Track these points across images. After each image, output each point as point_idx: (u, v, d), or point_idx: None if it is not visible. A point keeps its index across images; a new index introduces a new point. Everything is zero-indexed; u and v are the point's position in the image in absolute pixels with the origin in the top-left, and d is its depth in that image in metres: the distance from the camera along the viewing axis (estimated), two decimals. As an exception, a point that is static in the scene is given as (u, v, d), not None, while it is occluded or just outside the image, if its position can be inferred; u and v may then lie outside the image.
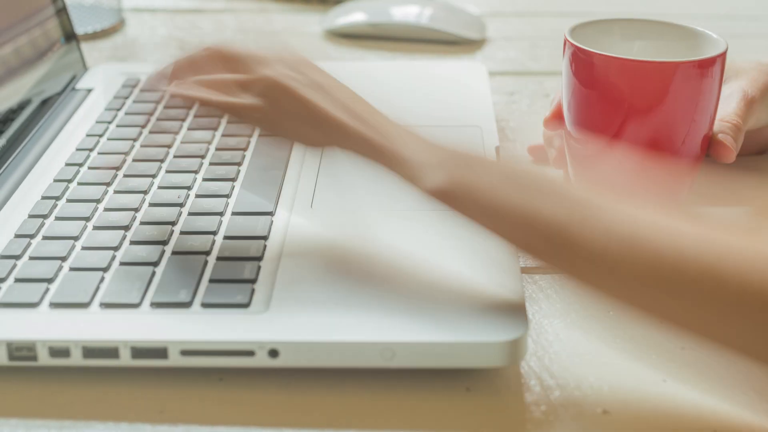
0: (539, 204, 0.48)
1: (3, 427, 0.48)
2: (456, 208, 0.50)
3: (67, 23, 0.83)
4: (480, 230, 0.50)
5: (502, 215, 0.49)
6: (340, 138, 0.54)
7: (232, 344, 0.50)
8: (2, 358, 0.50)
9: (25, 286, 0.54)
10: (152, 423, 0.49)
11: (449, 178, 0.51)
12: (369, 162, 0.54)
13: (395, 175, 0.53)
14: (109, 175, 0.66)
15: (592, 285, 0.47)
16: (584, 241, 0.47)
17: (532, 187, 0.49)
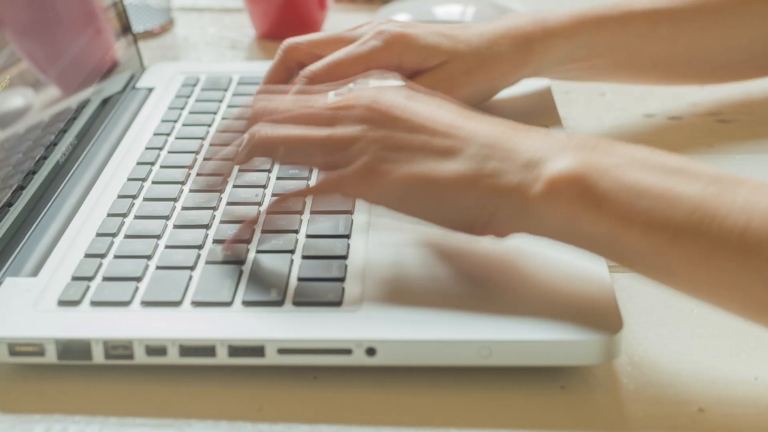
0: (676, 183, 0.48)
1: (102, 425, 0.48)
2: (581, 196, 0.49)
3: (126, 23, 0.83)
4: (598, 222, 0.49)
5: (636, 196, 0.48)
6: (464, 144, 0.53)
7: (330, 342, 0.50)
8: (99, 356, 0.50)
9: (115, 285, 0.54)
10: (252, 421, 0.49)
11: (579, 159, 0.49)
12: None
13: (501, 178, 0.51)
14: (182, 174, 0.66)
15: (713, 274, 0.47)
16: (725, 220, 0.46)
17: (666, 167, 0.49)
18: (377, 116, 0.54)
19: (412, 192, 0.52)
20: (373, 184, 0.52)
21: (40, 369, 0.52)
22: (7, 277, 0.55)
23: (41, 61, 0.68)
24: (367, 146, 0.53)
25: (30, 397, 0.50)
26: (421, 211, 0.53)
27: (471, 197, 0.51)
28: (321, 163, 0.55)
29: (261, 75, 0.80)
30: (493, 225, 0.52)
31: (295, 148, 0.55)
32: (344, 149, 0.54)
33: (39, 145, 0.65)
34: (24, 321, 0.51)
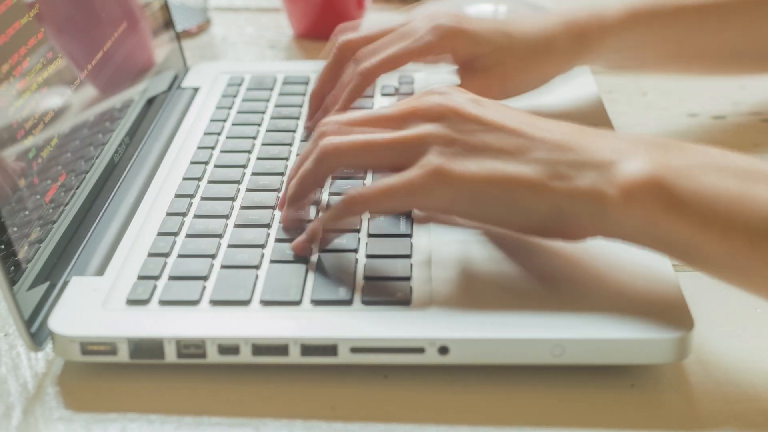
0: (752, 185, 0.47)
1: (177, 425, 0.48)
2: (659, 199, 0.48)
3: (169, 22, 0.83)
4: (676, 225, 0.48)
5: (713, 199, 0.48)
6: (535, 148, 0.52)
7: (403, 341, 0.50)
8: (171, 355, 0.50)
9: (182, 284, 0.54)
10: (326, 420, 0.49)
11: (653, 161, 0.49)
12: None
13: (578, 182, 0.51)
14: (238, 174, 0.66)
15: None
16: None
17: (739, 168, 0.49)
18: (445, 115, 0.54)
19: (482, 193, 0.52)
20: (441, 184, 0.52)
21: (111, 368, 0.52)
22: (74, 276, 0.55)
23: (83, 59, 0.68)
24: (434, 145, 0.53)
25: (102, 396, 0.50)
26: (489, 213, 0.53)
27: (542, 200, 0.51)
28: (389, 165, 0.54)
29: (305, 74, 0.81)
30: (566, 228, 0.52)
31: (362, 152, 0.54)
32: (412, 149, 0.53)
33: (87, 144, 0.65)
34: (95, 320, 0.51)
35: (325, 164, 0.55)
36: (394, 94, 0.78)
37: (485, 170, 0.52)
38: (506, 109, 0.55)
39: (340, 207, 0.54)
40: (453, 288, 0.54)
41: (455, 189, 0.52)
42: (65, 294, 0.54)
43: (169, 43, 0.83)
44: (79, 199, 0.62)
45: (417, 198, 0.53)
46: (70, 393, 0.50)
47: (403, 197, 0.53)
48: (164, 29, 0.83)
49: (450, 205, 0.53)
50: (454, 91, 0.56)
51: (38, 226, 0.55)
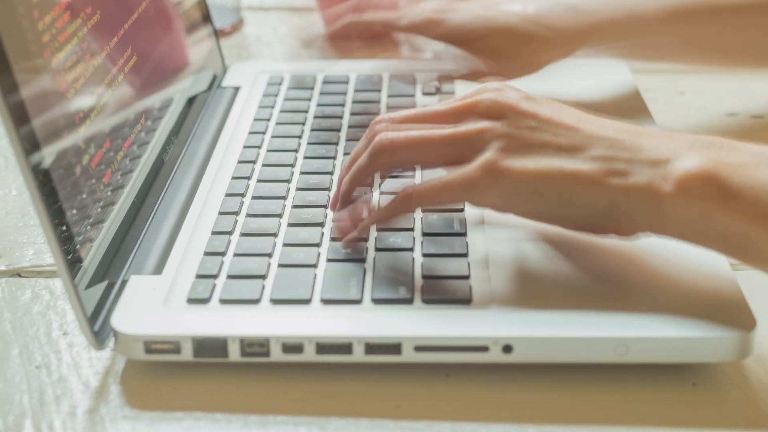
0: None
1: (244, 423, 0.48)
2: (715, 194, 0.49)
3: (208, 21, 0.84)
4: (732, 220, 0.48)
5: (767, 195, 0.48)
6: (591, 142, 0.53)
7: (468, 340, 0.50)
8: (235, 354, 0.50)
9: (241, 283, 0.54)
10: (392, 419, 0.49)
11: (708, 157, 0.49)
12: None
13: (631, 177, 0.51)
14: (287, 173, 0.66)
15: None
16: None
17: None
18: (502, 111, 0.54)
19: (539, 188, 0.52)
20: (498, 179, 0.52)
21: (173, 366, 0.52)
22: (132, 275, 0.55)
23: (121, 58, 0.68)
24: (492, 141, 0.53)
25: (166, 394, 0.50)
26: (546, 210, 0.53)
27: (599, 196, 0.51)
28: (445, 161, 0.54)
29: (344, 74, 0.81)
30: (620, 225, 0.52)
31: (419, 148, 0.54)
32: (469, 145, 0.53)
33: (131, 143, 0.65)
34: (158, 319, 0.51)
35: (380, 159, 0.55)
36: (435, 93, 0.78)
37: (542, 167, 0.52)
38: (561, 107, 0.55)
39: (396, 203, 0.54)
40: (512, 286, 0.54)
41: (512, 185, 0.52)
42: (125, 293, 0.54)
43: (208, 42, 0.83)
44: (128, 198, 0.62)
45: (473, 194, 0.53)
46: (133, 392, 0.50)
47: (460, 193, 0.53)
48: (203, 29, 0.83)
49: (506, 202, 0.53)
50: (508, 88, 0.56)
51: (90, 225, 0.55)
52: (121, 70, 0.65)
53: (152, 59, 0.72)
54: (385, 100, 0.77)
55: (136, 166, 0.65)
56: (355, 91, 0.79)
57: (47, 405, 0.50)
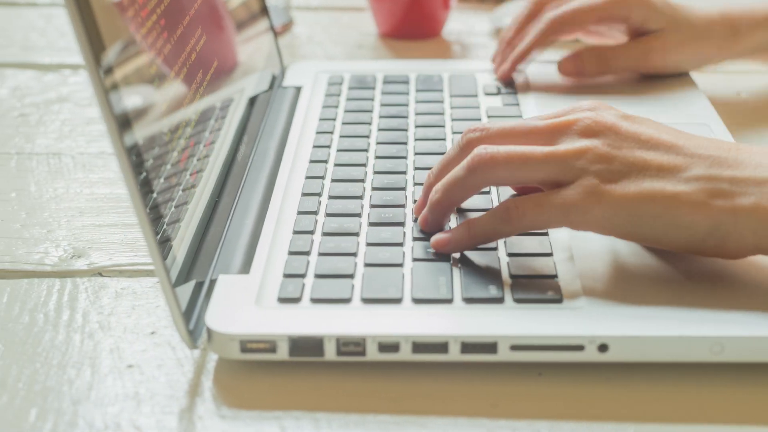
0: None
1: (344, 422, 0.48)
2: None
3: (268, 21, 0.84)
4: None
5: None
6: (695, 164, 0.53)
7: (564, 339, 0.50)
8: (330, 353, 0.51)
9: (331, 283, 0.54)
10: (489, 417, 0.49)
11: None
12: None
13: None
14: (360, 172, 0.66)
15: None
16: None
17: None
18: (601, 131, 0.54)
19: (641, 212, 0.52)
20: (600, 203, 0.52)
21: (267, 365, 0.52)
22: (220, 274, 0.55)
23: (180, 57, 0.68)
24: (592, 162, 0.53)
25: (263, 393, 0.50)
26: (648, 232, 0.52)
27: (703, 218, 0.51)
28: (543, 180, 0.54)
29: (403, 73, 0.81)
30: (726, 246, 0.52)
31: (518, 165, 0.54)
32: (569, 165, 0.53)
33: (195, 143, 0.65)
34: (252, 318, 0.52)
35: (479, 175, 0.55)
36: (497, 93, 0.79)
37: (644, 189, 0.52)
38: (659, 125, 0.55)
39: (497, 218, 0.54)
40: (602, 284, 0.54)
41: (613, 209, 0.52)
42: (215, 292, 0.54)
43: (266, 42, 0.84)
44: (204, 197, 0.62)
45: (571, 216, 0.53)
46: (229, 391, 0.50)
47: (559, 214, 0.53)
48: (262, 29, 0.83)
49: (607, 225, 0.53)
50: (604, 106, 0.56)
51: (176, 224, 0.55)
52: (183, 66, 0.65)
53: (213, 58, 0.72)
54: (448, 99, 0.77)
55: (209, 165, 0.65)
56: (417, 90, 0.79)
57: (142, 404, 0.50)
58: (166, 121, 0.57)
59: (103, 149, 0.76)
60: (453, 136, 0.71)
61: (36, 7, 1.08)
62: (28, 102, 0.84)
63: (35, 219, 0.66)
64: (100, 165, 0.74)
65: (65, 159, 0.75)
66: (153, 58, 0.57)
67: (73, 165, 0.74)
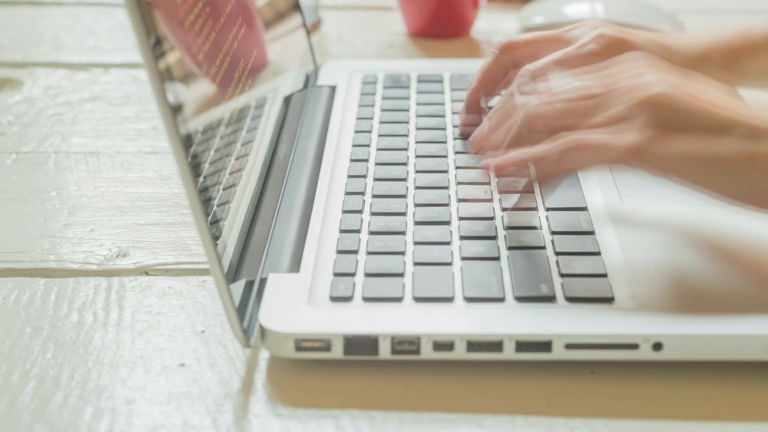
0: None
1: (400, 421, 0.49)
2: None
3: (301, 20, 0.84)
4: None
5: None
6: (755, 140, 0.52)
7: (619, 337, 0.50)
8: (385, 352, 0.51)
9: (381, 281, 0.54)
10: (546, 416, 0.49)
11: None
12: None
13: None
14: (402, 171, 0.66)
15: None
16: None
17: None
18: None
19: (696, 168, 0.52)
20: (651, 153, 0.52)
21: (321, 364, 0.52)
22: (270, 273, 0.55)
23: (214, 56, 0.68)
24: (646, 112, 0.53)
25: (318, 392, 0.50)
26: (708, 183, 0.52)
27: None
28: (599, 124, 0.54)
29: (437, 72, 0.81)
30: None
31: (570, 114, 0.55)
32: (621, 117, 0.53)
33: (231, 142, 0.65)
34: (306, 317, 0.52)
35: (528, 127, 0.56)
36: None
37: (694, 149, 0.52)
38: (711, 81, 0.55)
39: (562, 148, 0.54)
40: (652, 283, 0.54)
41: (662, 160, 0.52)
42: (267, 291, 0.54)
43: (300, 41, 0.84)
44: (245, 197, 0.62)
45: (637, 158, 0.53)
46: (283, 389, 0.51)
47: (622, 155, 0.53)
48: (295, 28, 0.83)
49: (660, 166, 0.53)
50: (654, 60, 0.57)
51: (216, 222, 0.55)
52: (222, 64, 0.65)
53: (249, 56, 0.72)
54: (484, 99, 0.77)
55: (248, 163, 0.65)
56: (451, 90, 0.79)
57: (196, 402, 0.50)
58: (208, 119, 0.57)
59: (140, 148, 0.76)
60: (492, 135, 0.71)
61: (62, 6, 1.08)
62: (61, 101, 0.84)
63: (77, 218, 0.67)
64: (138, 164, 0.74)
65: (103, 158, 0.75)
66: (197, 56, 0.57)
67: (111, 164, 0.74)
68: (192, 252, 0.63)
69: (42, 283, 0.59)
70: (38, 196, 0.69)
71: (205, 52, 0.59)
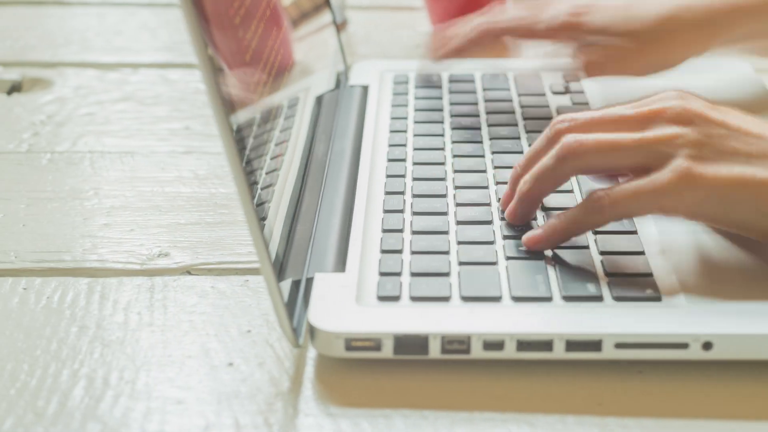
0: None
1: (452, 420, 0.49)
2: None
3: (332, 19, 0.84)
4: None
5: None
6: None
7: (669, 337, 0.50)
8: (435, 351, 0.51)
9: (429, 281, 0.54)
10: (597, 415, 0.49)
11: None
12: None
13: None
14: (440, 171, 0.66)
15: None
16: None
17: None
18: (691, 119, 0.54)
19: (733, 196, 0.52)
20: (691, 185, 0.52)
21: (370, 363, 0.52)
22: (316, 273, 0.55)
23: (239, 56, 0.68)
24: (683, 146, 0.53)
25: (369, 392, 0.50)
26: (738, 218, 0.53)
27: None
28: (634, 167, 0.55)
29: (468, 72, 0.81)
30: None
31: (608, 152, 0.54)
32: (660, 150, 0.53)
33: (266, 142, 0.65)
34: (356, 316, 0.52)
35: (568, 163, 0.55)
36: (564, 92, 0.79)
37: (736, 174, 0.52)
38: (745, 115, 0.55)
39: (589, 209, 0.54)
40: (698, 281, 0.54)
41: (705, 192, 0.52)
42: (314, 290, 0.54)
43: (331, 40, 0.84)
44: (284, 196, 0.62)
45: (664, 201, 0.53)
46: (334, 389, 0.51)
47: (651, 200, 0.53)
48: (326, 27, 0.83)
49: (697, 209, 0.53)
50: (691, 95, 0.56)
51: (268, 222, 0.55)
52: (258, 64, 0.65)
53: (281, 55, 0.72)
54: (516, 99, 0.78)
55: (284, 163, 0.65)
56: (483, 90, 0.79)
57: (247, 401, 0.50)
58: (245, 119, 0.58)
59: (174, 148, 0.76)
60: (528, 135, 0.71)
61: (87, 6, 1.08)
62: (92, 101, 0.85)
63: (117, 218, 0.67)
64: (173, 164, 0.74)
65: (138, 158, 0.75)
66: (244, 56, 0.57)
67: (146, 164, 0.74)
68: (233, 251, 0.63)
69: (85, 283, 0.59)
70: (76, 195, 0.69)
71: (252, 52, 0.59)
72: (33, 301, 0.58)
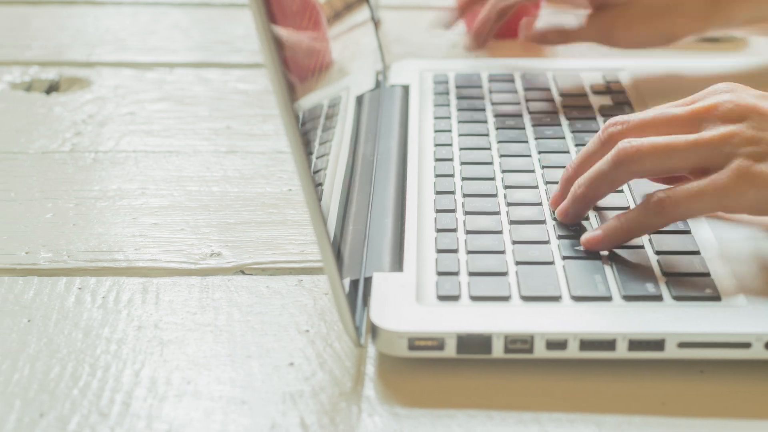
0: None
1: (517, 420, 0.49)
2: None
3: (372, 19, 0.84)
4: None
5: None
6: None
7: (732, 336, 0.50)
8: (498, 350, 0.51)
9: (487, 280, 0.54)
10: (662, 415, 0.49)
11: None
12: None
13: None
14: (489, 171, 0.66)
15: None
16: None
17: None
18: (744, 114, 0.54)
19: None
20: (753, 183, 0.52)
21: (432, 363, 0.52)
22: (374, 272, 0.56)
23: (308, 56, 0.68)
24: (740, 144, 0.53)
25: (433, 391, 0.51)
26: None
27: None
28: (692, 168, 0.55)
29: (507, 71, 0.82)
30: None
31: (664, 155, 0.54)
32: (717, 150, 0.54)
33: (307, 141, 0.65)
34: (418, 316, 0.52)
35: (624, 168, 0.55)
36: (606, 92, 0.79)
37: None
38: None
39: (650, 211, 0.54)
40: (757, 281, 0.54)
41: (763, 190, 0.52)
42: (374, 290, 0.54)
43: (369, 40, 0.84)
44: (333, 196, 0.62)
45: (726, 201, 0.53)
46: (397, 389, 0.51)
47: (713, 200, 0.53)
48: (366, 27, 0.83)
49: (760, 207, 0.53)
50: (741, 88, 0.56)
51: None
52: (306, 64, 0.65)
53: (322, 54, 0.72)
54: (558, 98, 0.78)
55: (330, 163, 0.65)
56: (524, 89, 0.79)
57: (310, 401, 0.50)
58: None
59: (217, 147, 0.77)
60: (573, 135, 0.71)
61: (120, 6, 1.08)
62: (131, 100, 0.85)
63: (167, 217, 0.67)
64: (217, 163, 0.74)
65: (183, 157, 0.75)
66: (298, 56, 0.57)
67: (191, 163, 0.74)
68: (285, 251, 0.63)
69: (140, 283, 0.60)
70: (124, 195, 0.70)
71: (303, 52, 0.60)
72: (89, 300, 0.58)
